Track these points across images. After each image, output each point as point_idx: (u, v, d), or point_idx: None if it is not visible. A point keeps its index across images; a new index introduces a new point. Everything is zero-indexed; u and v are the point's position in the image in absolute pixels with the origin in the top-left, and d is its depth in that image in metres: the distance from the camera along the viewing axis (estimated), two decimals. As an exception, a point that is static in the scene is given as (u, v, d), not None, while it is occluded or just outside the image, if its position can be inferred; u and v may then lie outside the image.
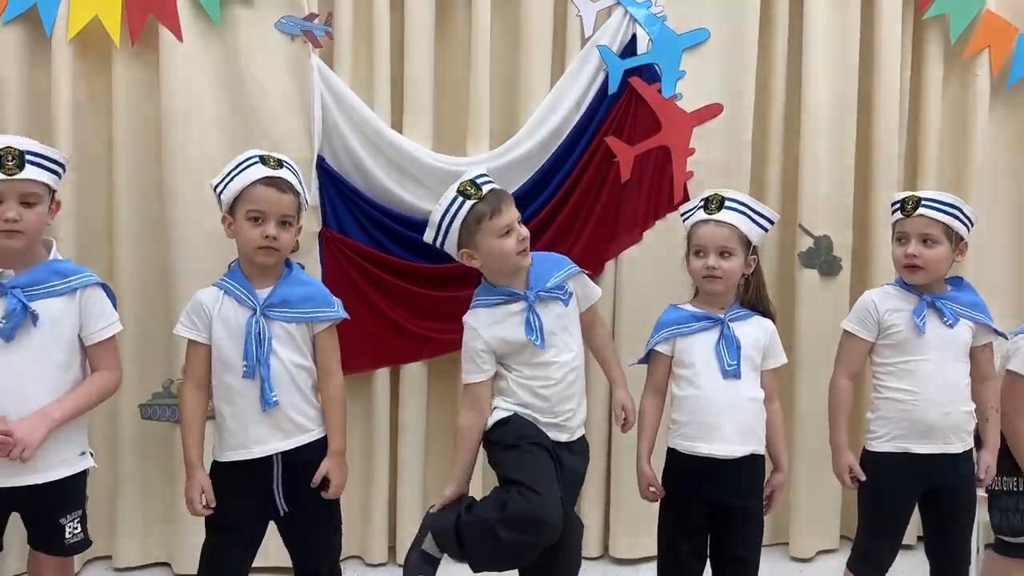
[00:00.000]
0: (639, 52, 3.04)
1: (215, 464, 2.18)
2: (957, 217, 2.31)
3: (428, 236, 2.26)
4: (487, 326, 2.20)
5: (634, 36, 3.04)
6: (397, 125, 2.98)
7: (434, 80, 3.00)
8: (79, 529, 2.11)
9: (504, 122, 3.05)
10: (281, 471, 2.13)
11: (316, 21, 2.88)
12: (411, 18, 2.94)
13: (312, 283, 2.25)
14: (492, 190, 2.20)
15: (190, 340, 2.14)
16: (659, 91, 3.05)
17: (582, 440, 2.32)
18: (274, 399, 2.08)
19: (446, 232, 2.21)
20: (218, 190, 2.16)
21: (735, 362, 2.23)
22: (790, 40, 3.16)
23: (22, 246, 1.99)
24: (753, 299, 2.35)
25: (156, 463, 2.97)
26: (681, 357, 2.28)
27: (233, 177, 2.13)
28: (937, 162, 3.24)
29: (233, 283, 2.14)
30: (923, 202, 2.31)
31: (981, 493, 2.46)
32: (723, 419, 2.21)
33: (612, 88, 3.02)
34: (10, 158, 1.94)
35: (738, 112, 3.09)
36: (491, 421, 2.23)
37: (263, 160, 2.14)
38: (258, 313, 2.10)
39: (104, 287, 2.15)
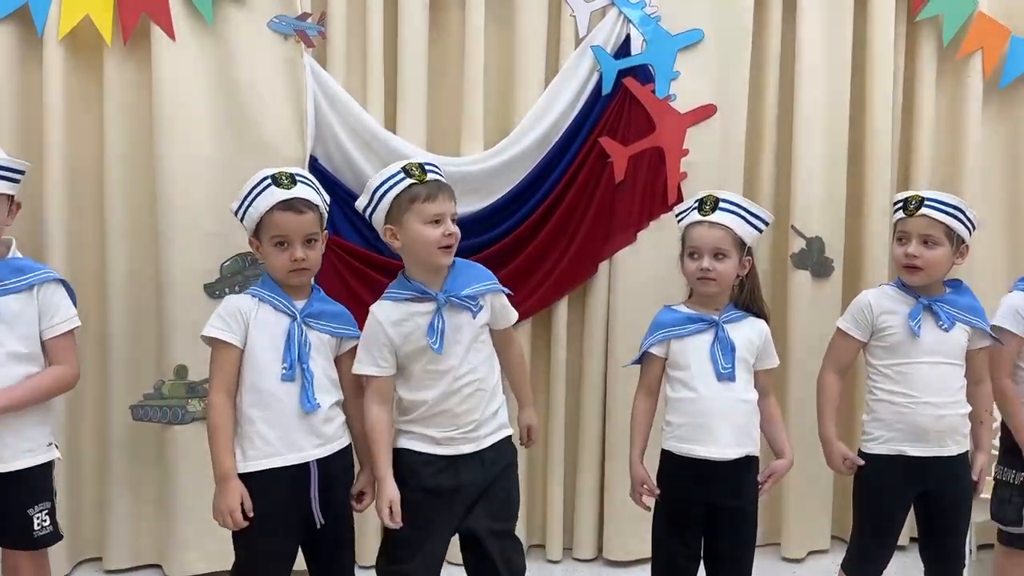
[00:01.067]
0: (633, 53, 3.04)
1: (240, 476, 2.08)
2: (959, 219, 2.29)
3: (360, 202, 2.20)
4: (391, 323, 2.12)
5: (628, 36, 3.04)
6: (390, 125, 2.97)
7: (428, 80, 2.99)
8: (48, 521, 2.12)
9: (498, 122, 3.04)
10: (318, 479, 2.10)
11: (309, 20, 2.87)
12: (404, 18, 2.93)
13: (338, 304, 2.26)
14: (436, 179, 2.16)
15: (221, 342, 2.07)
16: (653, 92, 3.05)
17: (497, 445, 2.21)
18: (316, 402, 2.08)
19: (378, 202, 2.14)
20: (239, 216, 2.15)
21: (730, 365, 2.23)
22: (783, 41, 3.17)
23: None
24: (747, 300, 2.35)
25: (147, 464, 2.96)
26: (676, 359, 2.28)
27: (251, 202, 2.11)
28: (930, 163, 3.25)
29: (269, 293, 2.13)
30: (926, 202, 2.30)
31: (985, 495, 2.49)
32: (718, 421, 2.21)
33: (606, 89, 3.02)
34: None
35: (731, 113, 3.10)
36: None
37: (276, 181, 2.11)
38: (299, 319, 2.11)
39: (63, 283, 2.17)
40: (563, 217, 3.03)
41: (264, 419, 2.07)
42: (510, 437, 2.27)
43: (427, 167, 2.16)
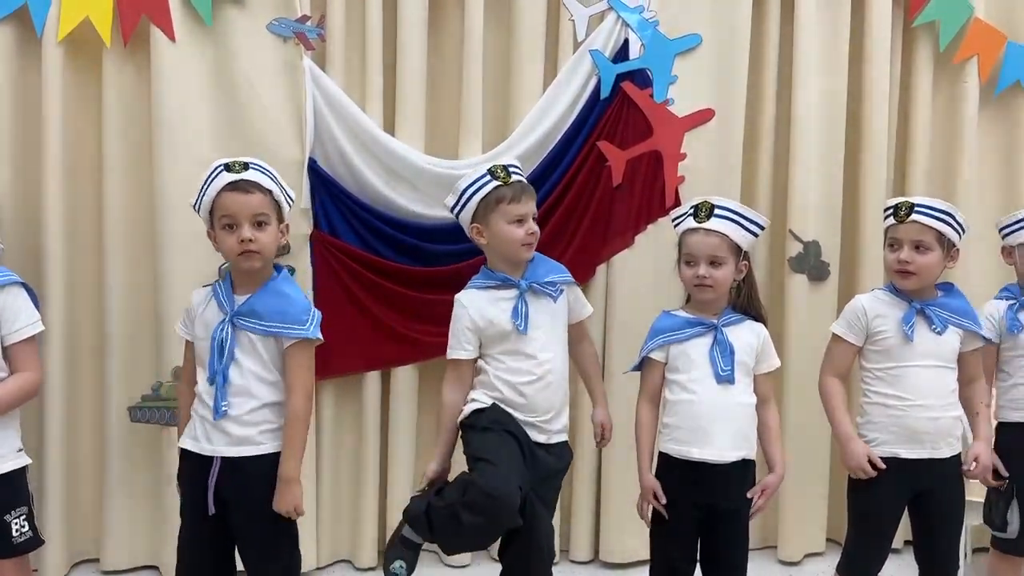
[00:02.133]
0: (631, 57, 3.05)
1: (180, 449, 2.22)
2: (949, 224, 2.31)
3: (448, 201, 2.38)
4: (475, 306, 2.30)
5: (626, 41, 3.05)
6: (389, 128, 2.97)
7: (426, 83, 3.00)
8: (26, 527, 2.11)
9: (496, 126, 3.05)
10: (217, 473, 2.10)
11: (308, 23, 2.88)
12: (404, 21, 2.94)
13: (290, 296, 2.15)
14: (519, 180, 2.34)
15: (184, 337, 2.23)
16: (651, 96, 3.06)
17: (562, 446, 2.37)
18: (224, 409, 2.06)
19: (465, 203, 2.32)
20: (196, 207, 2.17)
21: (729, 367, 2.24)
22: (781, 46, 3.18)
23: None
24: (745, 303, 2.36)
25: (144, 466, 2.95)
26: (675, 363, 2.29)
27: (204, 191, 2.13)
28: (926, 168, 3.27)
29: (221, 286, 2.15)
30: (916, 208, 2.32)
31: (976, 498, 2.50)
32: (716, 424, 2.22)
33: (604, 93, 3.03)
34: None
35: (729, 117, 3.10)
36: (469, 409, 2.30)
37: (228, 167, 2.13)
38: (226, 320, 2.09)
39: (25, 286, 2.14)
40: (561, 220, 3.03)
41: (197, 410, 2.15)
42: (567, 443, 2.41)
43: (511, 169, 2.35)
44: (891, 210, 2.37)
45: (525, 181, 2.38)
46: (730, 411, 2.24)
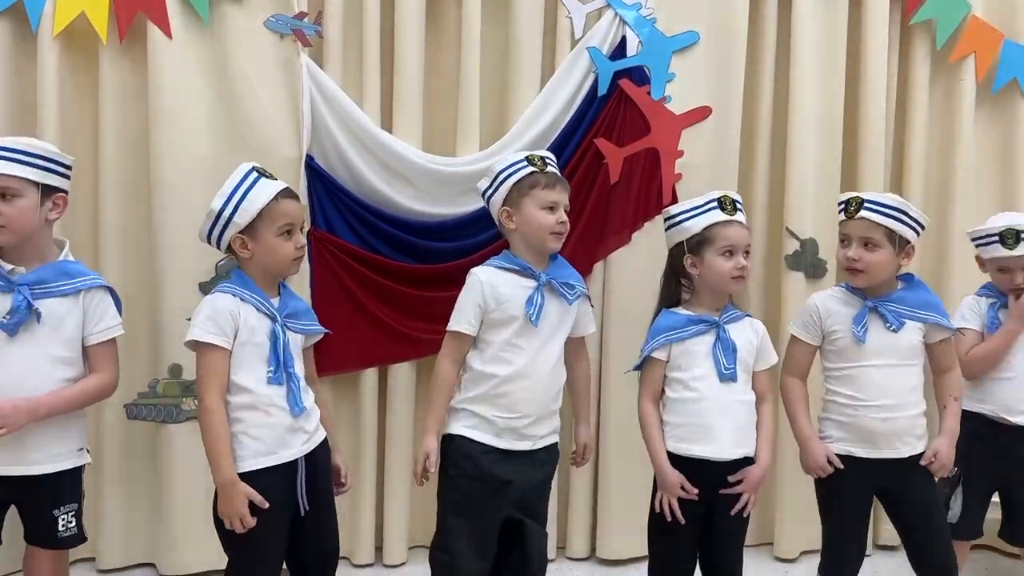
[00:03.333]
0: (629, 54, 3.05)
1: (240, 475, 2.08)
2: (901, 220, 2.27)
3: (481, 184, 2.35)
4: (491, 283, 2.24)
5: (624, 38, 3.05)
6: (387, 125, 2.97)
7: (424, 80, 3.00)
8: (73, 523, 2.14)
9: (494, 123, 3.05)
10: (305, 472, 2.12)
11: (306, 20, 2.87)
12: (401, 18, 2.94)
13: (301, 299, 2.32)
14: (555, 172, 2.32)
15: (212, 346, 2.03)
16: (648, 93, 3.06)
17: (548, 448, 2.32)
18: (303, 405, 2.11)
19: (499, 185, 2.29)
20: (226, 213, 2.09)
21: (732, 366, 2.24)
22: (778, 44, 3.18)
23: (6, 240, 2.04)
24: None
25: (141, 463, 2.95)
26: (677, 361, 2.28)
27: (243, 196, 2.09)
28: (923, 165, 3.28)
29: (249, 293, 2.10)
30: (865, 204, 2.29)
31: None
32: (719, 422, 2.22)
33: (602, 90, 3.03)
34: None
35: (726, 115, 3.11)
36: (451, 429, 2.27)
37: (264, 174, 2.14)
38: (280, 321, 2.12)
39: (110, 291, 2.18)
40: (558, 218, 3.03)
41: (254, 421, 2.07)
42: (556, 445, 2.35)
43: (547, 160, 2.33)
44: (842, 206, 2.35)
45: (561, 175, 2.36)
46: (732, 409, 2.24)
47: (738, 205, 2.33)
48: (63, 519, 2.11)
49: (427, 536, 3.15)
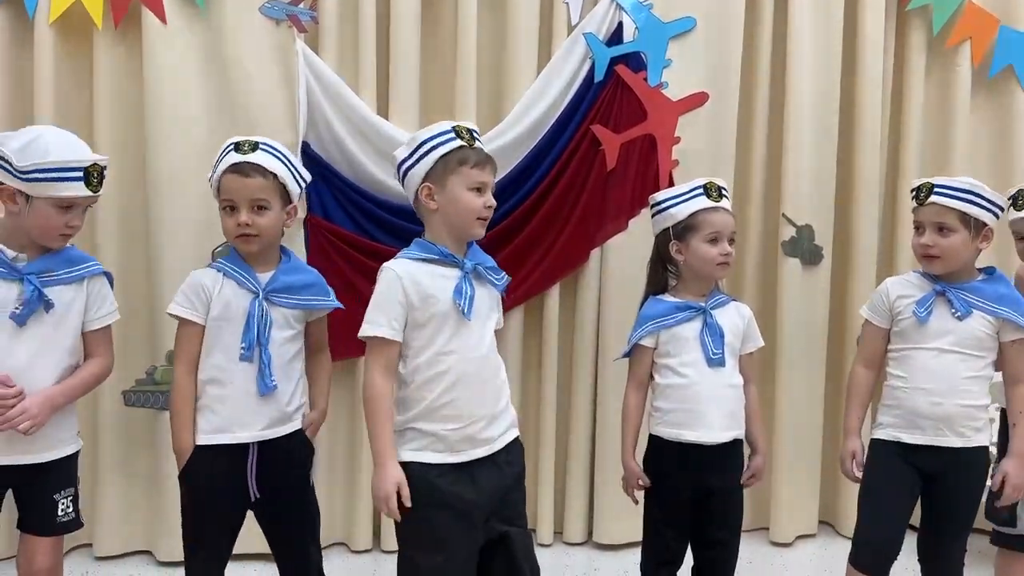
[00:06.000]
0: (625, 40, 3.04)
1: (195, 447, 2.11)
2: (974, 203, 2.19)
3: (400, 153, 2.04)
4: (412, 278, 1.92)
5: (620, 24, 3.05)
6: (383, 111, 2.97)
7: (420, 66, 2.99)
8: (71, 508, 2.14)
9: (490, 109, 3.04)
10: (256, 457, 2.10)
11: (301, 5, 2.87)
12: (397, 4, 2.93)
13: (310, 271, 2.24)
14: (483, 149, 2.05)
15: (185, 320, 2.08)
16: (645, 79, 3.06)
17: (509, 446, 2.03)
18: (273, 383, 2.07)
19: (422, 156, 1.98)
20: (211, 183, 2.15)
21: (720, 350, 2.24)
22: (775, 30, 3.18)
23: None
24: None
25: (138, 450, 2.96)
26: (665, 348, 2.29)
27: (215, 168, 2.13)
28: (919, 151, 3.28)
29: (232, 266, 2.11)
30: (936, 189, 2.21)
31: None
32: (709, 406, 2.23)
33: (598, 76, 3.03)
34: None
35: (723, 101, 3.11)
36: (405, 456, 1.94)
37: (237, 147, 2.11)
38: (261, 296, 2.08)
39: (108, 276, 2.18)
40: (555, 205, 3.03)
41: (218, 396, 2.07)
42: (519, 439, 2.09)
43: (475, 134, 2.05)
44: (913, 193, 2.30)
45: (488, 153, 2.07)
46: (721, 393, 2.25)
47: (723, 192, 2.32)
48: (63, 504, 2.12)
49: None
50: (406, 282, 1.92)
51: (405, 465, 1.91)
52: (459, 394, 1.93)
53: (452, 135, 1.99)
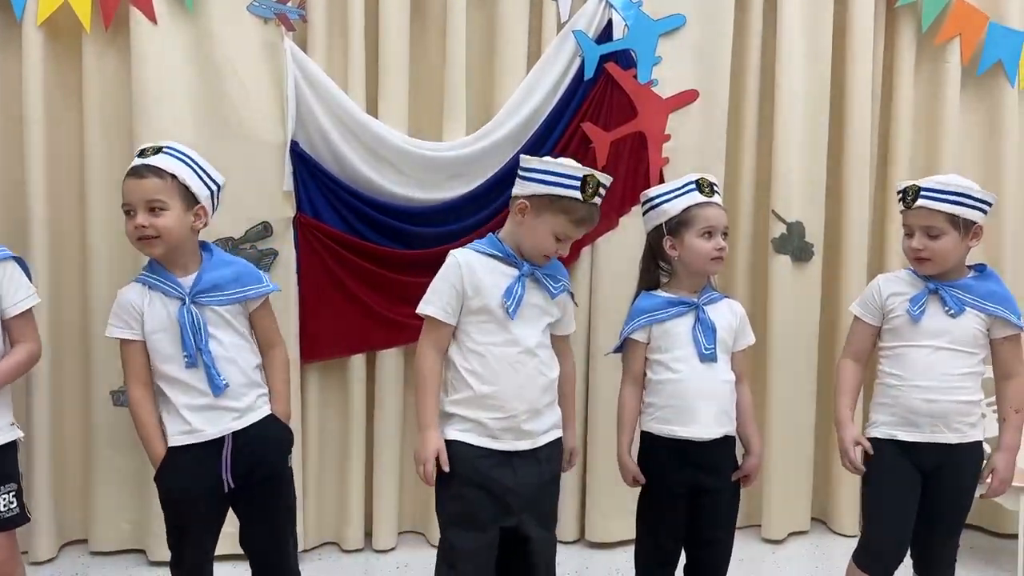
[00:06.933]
0: (615, 38, 3.04)
1: (168, 449, 2.11)
2: (961, 203, 2.19)
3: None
4: (470, 267, 2.08)
5: (610, 21, 3.04)
6: (372, 110, 2.96)
7: (409, 65, 2.98)
8: (15, 503, 2.11)
9: (480, 107, 3.04)
10: (231, 449, 2.09)
11: (289, 4, 2.86)
12: (386, 2, 2.92)
13: (236, 262, 2.20)
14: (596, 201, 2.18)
15: (124, 340, 2.08)
16: (635, 77, 3.05)
17: (551, 444, 2.16)
18: (224, 383, 2.07)
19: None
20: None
21: (712, 346, 2.24)
22: (765, 27, 3.19)
23: None
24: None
25: (129, 449, 2.94)
26: (657, 343, 2.28)
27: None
28: (909, 148, 3.28)
29: (154, 276, 2.09)
30: (922, 192, 2.22)
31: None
32: (701, 403, 2.23)
33: (588, 74, 3.02)
34: None
35: (713, 98, 3.11)
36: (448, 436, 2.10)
37: (142, 152, 2.10)
38: (187, 302, 2.07)
39: (18, 261, 2.15)
40: (545, 202, 3.03)
41: (179, 401, 2.07)
42: (561, 440, 2.21)
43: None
44: (900, 195, 2.30)
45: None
46: (713, 389, 2.25)
47: (715, 187, 2.32)
48: (3, 499, 2.08)
49: (416, 521, 3.20)
50: (464, 270, 2.08)
51: (450, 444, 2.06)
52: (501, 386, 2.07)
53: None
